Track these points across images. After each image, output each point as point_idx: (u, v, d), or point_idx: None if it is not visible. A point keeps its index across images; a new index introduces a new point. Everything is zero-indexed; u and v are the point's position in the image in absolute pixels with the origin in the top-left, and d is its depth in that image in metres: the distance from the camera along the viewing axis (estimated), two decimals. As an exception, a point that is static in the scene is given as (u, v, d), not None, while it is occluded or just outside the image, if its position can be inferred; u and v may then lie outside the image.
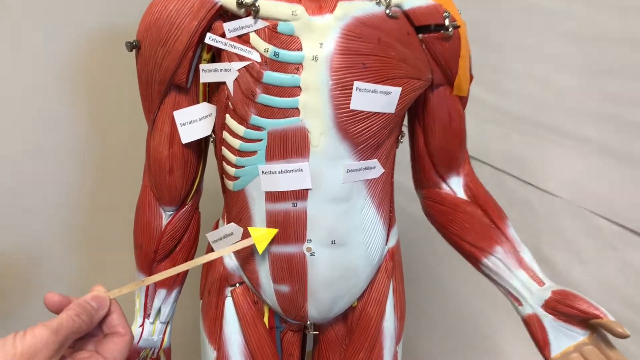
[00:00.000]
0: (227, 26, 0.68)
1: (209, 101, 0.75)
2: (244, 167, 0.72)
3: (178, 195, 0.79)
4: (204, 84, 0.75)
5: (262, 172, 0.70)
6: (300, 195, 0.71)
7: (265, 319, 0.81)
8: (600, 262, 1.15)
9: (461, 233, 0.79)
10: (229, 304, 0.81)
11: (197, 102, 0.75)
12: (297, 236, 0.73)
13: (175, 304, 0.86)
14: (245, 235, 0.75)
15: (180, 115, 0.75)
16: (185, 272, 0.85)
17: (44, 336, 0.48)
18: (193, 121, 0.75)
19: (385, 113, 0.70)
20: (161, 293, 0.83)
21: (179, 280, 0.84)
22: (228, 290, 0.81)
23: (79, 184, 1.20)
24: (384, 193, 0.77)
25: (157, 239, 0.81)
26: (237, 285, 0.80)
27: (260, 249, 0.73)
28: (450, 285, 1.40)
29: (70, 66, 1.11)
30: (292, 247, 0.73)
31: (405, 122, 0.82)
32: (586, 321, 0.68)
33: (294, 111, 0.68)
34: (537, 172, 1.23)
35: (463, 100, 0.79)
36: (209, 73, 0.71)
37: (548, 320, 0.70)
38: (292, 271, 0.75)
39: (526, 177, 1.25)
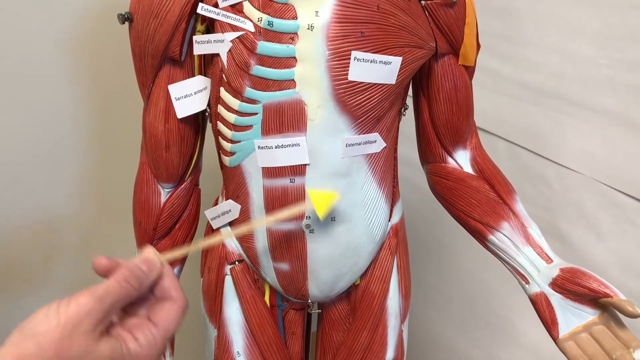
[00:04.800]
0: None
1: (205, 74, 0.73)
2: (239, 142, 0.69)
3: (175, 171, 0.78)
4: (199, 56, 0.72)
5: (258, 147, 0.68)
6: (298, 170, 0.69)
7: (266, 298, 0.80)
8: (619, 238, 1.11)
9: (467, 209, 0.75)
10: (228, 282, 0.79)
11: (193, 76, 0.73)
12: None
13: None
14: (245, 211, 0.73)
15: (175, 89, 0.72)
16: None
17: (88, 304, 0.46)
18: (188, 95, 0.73)
19: (386, 84, 0.67)
20: (162, 271, 0.82)
21: (178, 260, 0.83)
22: (227, 268, 0.79)
23: (85, 158, 1.19)
24: (386, 168, 0.74)
25: (156, 216, 0.79)
26: (237, 263, 0.79)
27: (321, 214, 0.66)
28: (462, 261, 1.37)
29: (69, 40, 1.09)
30: (290, 224, 0.71)
31: (411, 93, 0.79)
32: (596, 300, 0.65)
33: (290, 83, 0.65)
34: (554, 145, 1.18)
35: (469, 70, 0.75)
36: (202, 45, 0.68)
37: (556, 299, 0.67)
38: (292, 249, 0.73)
39: (542, 150, 1.21)
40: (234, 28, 0.65)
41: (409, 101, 0.79)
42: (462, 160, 0.78)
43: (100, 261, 0.51)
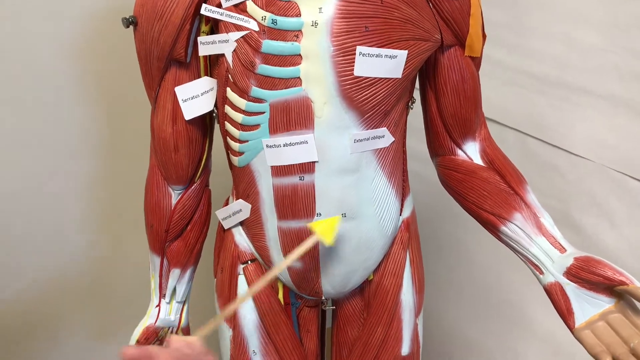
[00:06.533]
0: None
1: (211, 75, 0.73)
2: (247, 141, 0.70)
3: (185, 173, 0.78)
4: (205, 57, 0.73)
5: (267, 146, 0.68)
6: (307, 168, 0.69)
7: (280, 296, 0.80)
8: (632, 224, 1.10)
9: (478, 201, 0.75)
10: (242, 281, 0.79)
11: (199, 77, 0.73)
12: (306, 210, 0.71)
13: (191, 282, 0.86)
14: (256, 210, 0.73)
15: (182, 91, 0.73)
16: (200, 250, 0.85)
17: None
18: (195, 96, 0.73)
19: (392, 78, 0.67)
20: (175, 272, 0.83)
21: (192, 259, 0.83)
22: (240, 267, 0.79)
23: (93, 164, 1.19)
24: (395, 162, 0.74)
25: (168, 218, 0.80)
26: (249, 262, 0.79)
27: (329, 241, 0.67)
28: (474, 253, 1.37)
29: (76, 44, 1.09)
30: (301, 221, 0.71)
31: (418, 86, 0.79)
32: (611, 288, 0.64)
33: (296, 81, 0.65)
34: (563, 134, 1.18)
35: (476, 61, 0.75)
36: (207, 45, 0.69)
37: (571, 288, 0.67)
38: None
39: (552, 139, 1.20)
40: (238, 28, 0.65)
41: (417, 94, 0.78)
42: (471, 152, 0.78)
43: (128, 352, 0.50)
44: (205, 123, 0.77)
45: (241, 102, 0.68)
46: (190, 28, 0.69)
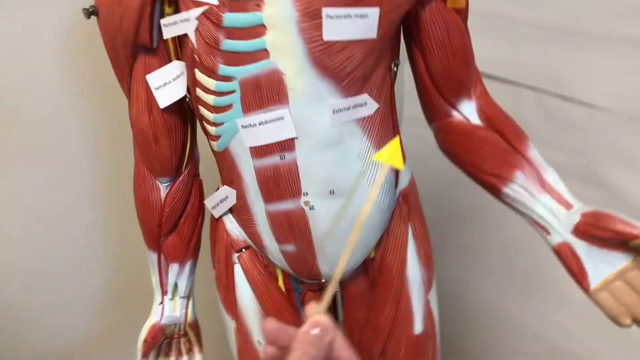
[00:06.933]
0: None
1: (181, 58, 0.70)
2: (222, 124, 0.66)
3: (169, 164, 0.75)
4: (174, 40, 0.69)
5: (242, 127, 0.65)
6: (287, 145, 0.65)
7: (280, 282, 0.77)
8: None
9: (477, 163, 0.70)
10: (238, 271, 0.76)
11: (169, 62, 0.70)
12: (291, 191, 0.67)
13: (193, 276, 0.83)
14: (242, 196, 0.70)
15: (153, 79, 0.70)
16: (197, 243, 0.82)
17: None
18: (167, 83, 0.70)
19: (367, 39, 0.62)
20: (174, 267, 0.80)
21: (190, 252, 0.81)
22: (235, 256, 0.76)
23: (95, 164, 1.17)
24: (383, 130, 0.69)
25: (159, 213, 0.77)
26: (243, 250, 0.76)
27: (399, 165, 0.58)
28: (501, 222, 1.30)
29: (65, 41, 1.06)
30: (288, 203, 0.68)
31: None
32: (626, 244, 0.58)
33: (263, 53, 0.61)
34: (581, 86, 1.10)
35: (462, 13, 0.69)
36: (169, 27, 0.65)
37: (581, 247, 0.61)
38: (294, 229, 0.69)
39: (570, 93, 1.13)
40: (197, 4, 0.61)
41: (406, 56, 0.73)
42: (467, 111, 0.72)
43: (269, 325, 0.49)
44: (183, 109, 0.74)
45: (210, 83, 0.64)
46: (151, 11, 0.65)
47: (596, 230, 0.59)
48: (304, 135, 0.64)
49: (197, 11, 0.62)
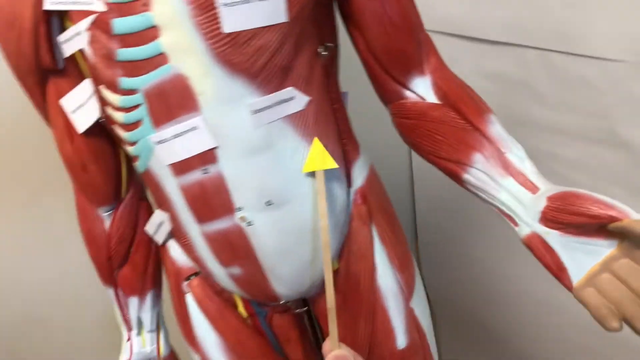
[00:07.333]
0: None
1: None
2: (137, 142, 0.59)
3: (105, 191, 0.69)
4: (83, 58, 0.63)
5: (156, 143, 0.57)
6: (208, 157, 0.57)
7: (240, 308, 0.69)
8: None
9: (433, 148, 0.60)
10: (190, 300, 0.69)
11: (81, 82, 0.63)
12: (223, 207, 0.59)
13: (158, 308, 0.77)
14: (175, 218, 0.63)
15: (67, 102, 0.63)
16: (155, 271, 0.75)
17: None
18: (82, 105, 0.63)
19: (277, 24, 0.53)
20: (133, 301, 0.74)
21: (148, 283, 0.74)
22: (184, 285, 0.69)
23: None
24: (322, 125, 0.61)
25: (105, 245, 0.71)
26: (192, 277, 0.69)
27: (331, 164, 0.58)
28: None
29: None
30: (223, 221, 0.60)
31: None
32: (605, 228, 0.47)
33: (161, 58, 0.53)
34: (587, 38, 0.98)
35: (396, -23, 0.59)
36: (67, 44, 0.59)
37: (553, 237, 0.50)
38: (235, 249, 0.61)
39: (576, 48, 1.01)
40: (87, 13, 0.55)
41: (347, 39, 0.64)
42: (422, 89, 0.62)
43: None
44: (107, 131, 0.68)
45: (115, 99, 0.57)
46: (47, 29, 0.59)
47: (566, 216, 0.48)
48: (225, 144, 0.56)
49: (86, 22, 0.55)
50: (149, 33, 0.53)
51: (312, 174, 0.59)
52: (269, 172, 0.58)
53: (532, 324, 1.26)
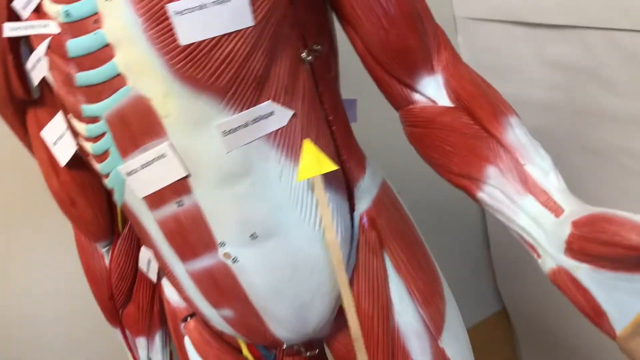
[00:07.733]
0: (16, 4, 0.51)
1: None
2: (109, 174, 0.53)
3: (98, 225, 0.64)
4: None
5: (126, 174, 0.51)
6: (181, 188, 0.50)
7: (245, 352, 0.61)
8: None
9: (444, 161, 0.50)
10: (188, 344, 0.62)
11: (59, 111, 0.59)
12: (203, 243, 0.52)
13: (168, 348, 0.71)
14: (158, 256, 0.57)
15: (48, 134, 0.59)
16: (160, 311, 0.70)
17: None
18: (62, 135, 0.58)
19: (242, 30, 0.46)
20: (141, 342, 0.69)
21: (155, 322, 0.69)
22: (182, 327, 0.63)
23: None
24: (314, 142, 0.52)
25: (107, 283, 0.66)
26: (189, 318, 0.62)
27: (328, 165, 0.50)
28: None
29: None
30: (205, 258, 0.53)
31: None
32: None
33: (119, 80, 0.47)
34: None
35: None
36: (33, 72, 0.54)
37: (584, 272, 0.38)
38: (223, 289, 0.54)
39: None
40: (44, 37, 0.50)
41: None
42: (432, 91, 0.52)
43: None
44: None
45: (82, 128, 0.52)
46: (15, 58, 0.55)
47: (595, 246, 0.36)
48: (197, 172, 0.49)
49: (43, 46, 0.50)
50: (104, 53, 0.47)
51: (305, 191, 0.51)
52: (250, 202, 0.50)
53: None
